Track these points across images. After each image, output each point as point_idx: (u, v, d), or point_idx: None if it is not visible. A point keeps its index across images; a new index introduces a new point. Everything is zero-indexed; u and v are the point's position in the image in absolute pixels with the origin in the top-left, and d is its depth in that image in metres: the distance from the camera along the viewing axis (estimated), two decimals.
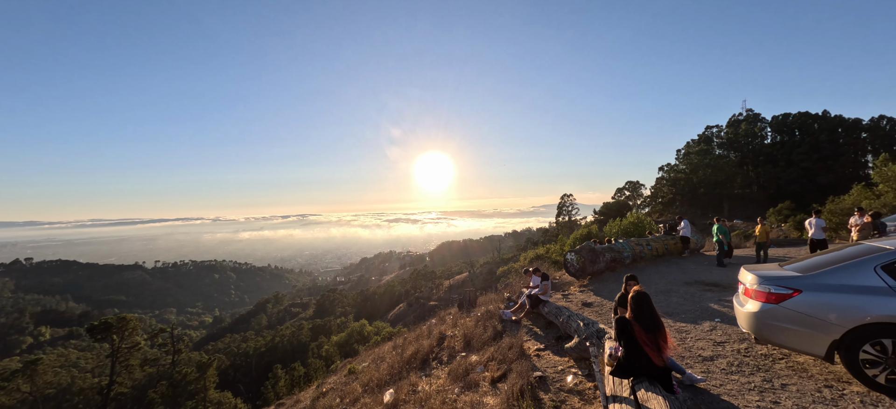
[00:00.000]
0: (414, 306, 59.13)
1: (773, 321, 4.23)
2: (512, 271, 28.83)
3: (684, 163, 77.34)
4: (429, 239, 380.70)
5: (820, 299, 4.00)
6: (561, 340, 7.03)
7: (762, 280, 4.41)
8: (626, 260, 12.81)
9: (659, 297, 8.55)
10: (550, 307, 7.95)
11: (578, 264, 11.57)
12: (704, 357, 4.97)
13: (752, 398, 3.87)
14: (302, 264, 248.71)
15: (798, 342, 4.13)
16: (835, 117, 67.81)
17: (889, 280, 3.77)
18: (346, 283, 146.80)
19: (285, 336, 50.67)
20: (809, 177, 60.15)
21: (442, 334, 10.44)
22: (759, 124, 73.67)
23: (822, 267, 4.23)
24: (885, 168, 23.90)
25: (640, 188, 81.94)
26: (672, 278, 10.56)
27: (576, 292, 10.80)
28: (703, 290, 8.89)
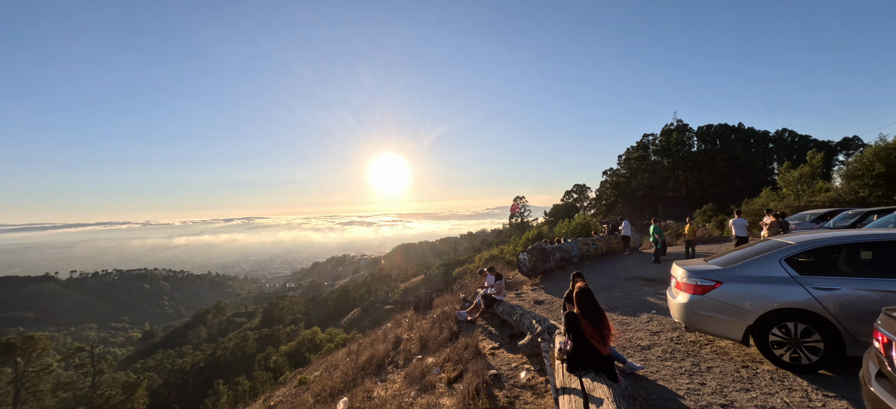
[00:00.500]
0: (369, 311, 57.89)
1: (699, 311, 4.69)
2: (467, 272, 29.24)
3: (625, 168, 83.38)
4: (384, 242, 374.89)
5: (737, 290, 4.50)
6: (515, 337, 7.25)
7: (690, 274, 4.87)
8: (574, 259, 13.51)
9: (603, 293, 9.12)
10: (504, 306, 8.16)
11: (530, 264, 12.00)
12: (643, 346, 5.38)
13: (683, 381, 4.26)
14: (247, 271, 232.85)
15: (720, 329, 4.61)
16: (748, 129, 76.72)
17: (791, 271, 4.33)
18: (297, 289, 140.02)
19: (228, 349, 47.21)
20: (728, 181, 67.47)
21: (398, 338, 10.32)
22: (688, 134, 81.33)
23: (738, 261, 4.76)
24: (787, 174, 27.52)
25: (587, 191, 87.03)
26: (614, 275, 11.32)
27: (528, 290, 11.19)
28: (642, 285, 9.62)
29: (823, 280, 4.13)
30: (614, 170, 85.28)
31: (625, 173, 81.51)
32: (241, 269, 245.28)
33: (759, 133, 75.41)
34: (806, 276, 4.23)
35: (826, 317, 4.01)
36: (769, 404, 3.66)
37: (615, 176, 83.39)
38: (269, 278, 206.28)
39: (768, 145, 73.87)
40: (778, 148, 72.83)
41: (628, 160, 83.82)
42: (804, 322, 4.13)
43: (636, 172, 78.03)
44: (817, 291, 4.08)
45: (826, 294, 4.03)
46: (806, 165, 26.27)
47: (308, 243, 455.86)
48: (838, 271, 4.29)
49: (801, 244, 4.47)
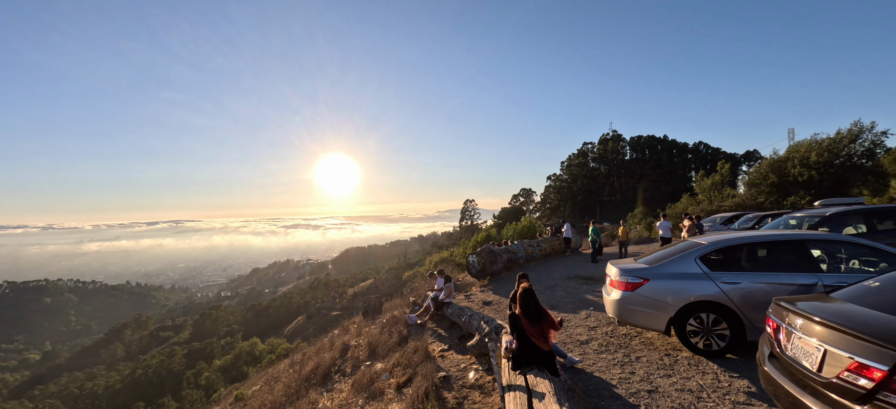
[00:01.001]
0: (315, 318, 55.39)
1: (629, 306, 5.12)
2: (418, 275, 29.17)
3: (567, 173, 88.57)
4: (332, 246, 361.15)
5: (661, 286, 4.98)
6: (464, 339, 7.36)
7: (622, 273, 5.30)
8: (520, 260, 14.06)
9: (546, 292, 9.59)
10: (454, 309, 8.27)
11: (479, 266, 12.29)
12: (581, 341, 5.75)
13: (616, 371, 4.62)
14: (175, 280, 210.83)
15: (647, 321, 5.07)
16: (671, 141, 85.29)
17: (704, 268, 4.89)
18: (234, 297, 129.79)
19: (151, 367, 42.51)
20: (656, 187, 74.42)
21: (345, 345, 10.01)
22: (621, 143, 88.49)
23: (662, 260, 5.28)
24: (702, 182, 31.01)
25: (533, 195, 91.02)
26: (557, 274, 11.97)
27: (477, 292, 11.44)
28: (581, 283, 10.28)
29: (729, 275, 4.72)
30: (558, 175, 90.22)
31: (567, 179, 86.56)
32: (168, 278, 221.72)
33: (681, 144, 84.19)
34: (715, 272, 4.81)
35: (731, 307, 4.58)
36: (687, 386, 4.09)
37: (558, 181, 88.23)
38: (201, 286, 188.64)
39: (687, 156, 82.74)
40: (695, 158, 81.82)
41: (570, 166, 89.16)
42: (714, 313, 4.69)
43: (577, 177, 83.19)
44: (724, 284, 4.65)
45: (731, 287, 4.62)
46: (717, 174, 29.80)
47: (247, 247, 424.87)
48: (741, 267, 4.94)
49: (711, 244, 5.07)
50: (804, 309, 2.67)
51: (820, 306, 2.67)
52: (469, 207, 77.06)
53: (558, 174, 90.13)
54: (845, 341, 2.28)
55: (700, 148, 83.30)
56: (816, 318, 2.51)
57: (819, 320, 2.49)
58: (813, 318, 2.54)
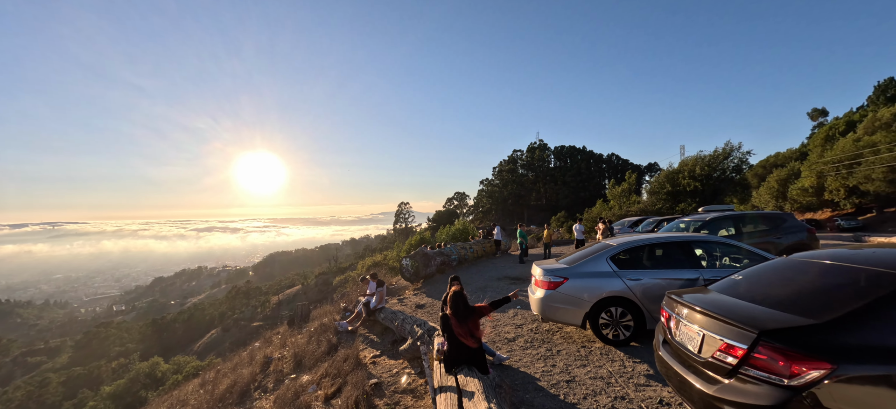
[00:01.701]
0: (232, 331, 50.43)
1: (551, 303, 5.52)
2: (349, 280, 28.17)
3: (498, 179, 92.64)
4: (253, 250, 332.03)
5: (578, 284, 5.46)
6: (396, 343, 7.29)
7: (545, 273, 5.70)
8: (453, 262, 14.35)
9: (477, 293, 9.92)
10: (386, 313, 8.15)
11: (413, 269, 12.28)
12: (509, 339, 6.05)
13: (540, 365, 4.94)
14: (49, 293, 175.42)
15: (566, 317, 5.51)
16: (589, 151, 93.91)
17: (613, 267, 5.47)
18: (131, 312, 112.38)
19: (14, 401, 35.02)
20: (576, 193, 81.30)
21: (267, 358, 9.27)
22: (547, 152, 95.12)
23: (579, 260, 5.79)
24: (613, 189, 34.68)
25: (466, 198, 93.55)
26: (488, 275, 12.45)
27: (410, 295, 11.41)
28: (510, 283, 10.82)
29: (633, 273, 5.35)
30: (489, 180, 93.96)
31: (498, 184, 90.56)
32: (40, 291, 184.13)
33: (597, 155, 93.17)
34: (622, 270, 5.41)
35: (635, 301, 5.19)
36: (599, 374, 4.53)
37: (490, 186, 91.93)
38: (85, 300, 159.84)
39: (602, 165, 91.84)
40: (609, 168, 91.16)
41: (501, 172, 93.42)
42: (621, 306, 5.27)
43: (507, 183, 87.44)
44: (629, 281, 5.26)
45: (634, 283, 5.23)
46: (625, 183, 33.57)
47: (147, 253, 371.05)
48: (642, 266, 5.61)
49: (620, 246, 5.70)
50: (688, 300, 3.13)
51: (700, 298, 3.16)
52: (403, 209, 76.69)
53: (490, 179, 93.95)
54: (717, 326, 2.73)
55: (612, 159, 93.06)
56: (697, 308, 2.96)
57: (699, 310, 2.94)
58: (694, 308, 2.99)
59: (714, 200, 28.77)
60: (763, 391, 2.35)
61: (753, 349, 2.43)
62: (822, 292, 2.71)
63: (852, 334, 2.26)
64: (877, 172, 28.29)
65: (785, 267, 3.26)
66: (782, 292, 2.89)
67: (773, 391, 2.31)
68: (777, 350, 2.33)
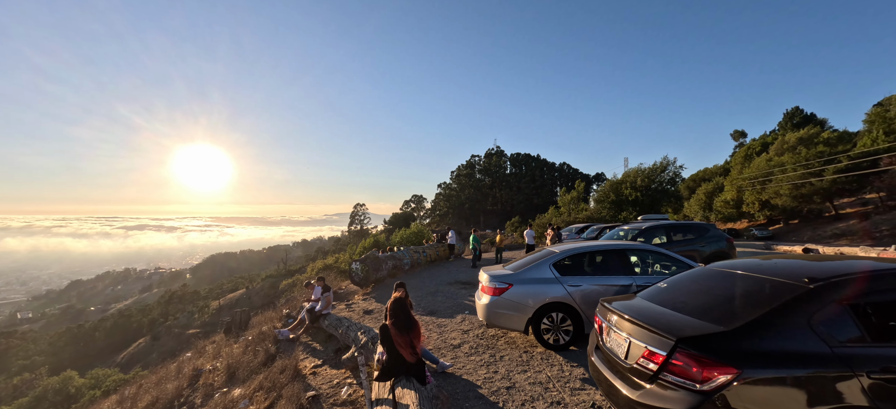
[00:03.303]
0: (162, 340, 46.09)
1: (496, 309, 5.57)
2: (298, 284, 26.87)
3: (456, 183, 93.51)
4: (192, 251, 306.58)
5: (522, 290, 5.55)
6: (340, 352, 6.98)
7: (491, 279, 5.74)
8: (405, 267, 14.15)
9: (428, 297, 9.83)
10: (331, 320, 7.80)
11: (362, 273, 11.93)
12: (454, 345, 6.02)
13: (482, 372, 4.95)
14: None
15: (510, 323, 5.59)
16: (542, 159, 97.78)
17: (556, 273, 5.64)
18: (39, 320, 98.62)
19: None
20: (530, 199, 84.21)
21: (197, 370, 8.51)
22: (503, 158, 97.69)
23: (524, 267, 5.90)
24: (564, 197, 36.32)
25: (424, 201, 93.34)
26: (440, 280, 12.41)
27: (359, 300, 11.06)
28: (460, 288, 10.85)
29: (573, 279, 5.54)
30: (447, 184, 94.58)
31: (456, 188, 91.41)
32: None
33: (550, 163, 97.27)
34: (564, 276, 5.59)
35: (574, 306, 5.38)
36: (538, 379, 4.61)
37: (448, 190, 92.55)
38: None
39: (555, 173, 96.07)
40: (561, 176, 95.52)
41: (459, 176, 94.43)
42: (562, 312, 5.43)
43: (465, 187, 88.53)
44: (570, 287, 5.44)
45: (574, 289, 5.42)
46: (574, 191, 35.29)
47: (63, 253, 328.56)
48: (583, 272, 5.84)
49: (562, 253, 5.89)
50: (617, 308, 3.26)
51: (628, 305, 3.30)
52: (359, 211, 74.90)
53: (448, 183, 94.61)
54: (642, 333, 2.85)
55: (564, 167, 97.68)
56: (625, 315, 3.09)
57: (626, 317, 3.06)
58: (623, 315, 3.11)
59: (652, 209, 31.10)
60: (679, 396, 2.48)
61: (672, 355, 2.56)
62: (731, 301, 2.93)
63: (755, 341, 2.45)
64: (784, 189, 32.17)
65: (702, 276, 3.51)
66: (699, 301, 3.09)
67: (687, 395, 2.45)
68: (692, 357, 2.47)
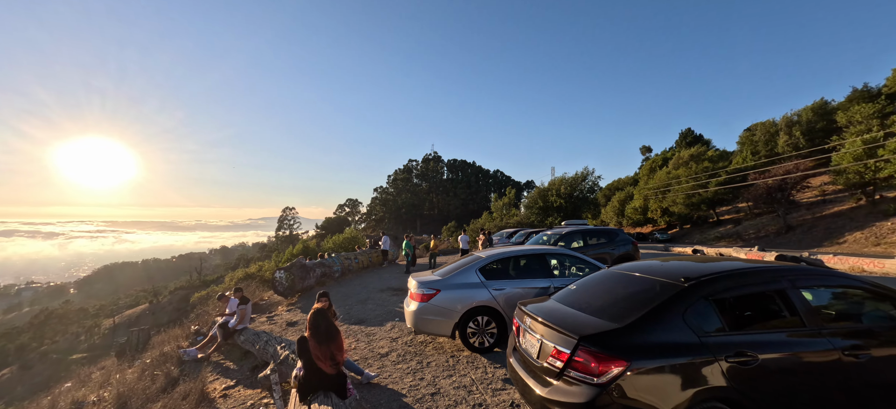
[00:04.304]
0: (36, 369, 38.47)
1: (424, 316, 5.59)
2: (212, 296, 24.29)
3: (393, 187, 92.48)
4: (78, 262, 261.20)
5: (450, 295, 5.64)
6: (257, 369, 6.44)
7: (419, 285, 5.75)
8: (336, 274, 13.59)
9: (357, 306, 9.54)
10: (248, 335, 7.17)
11: (287, 282, 11.19)
12: (382, 354, 5.90)
13: (408, 380, 4.91)
14: None
15: (438, 328, 5.64)
16: (478, 166, 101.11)
17: (482, 278, 5.83)
18: None
19: None
20: (465, 205, 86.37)
21: (77, 403, 7.22)
22: (440, 164, 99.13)
23: (453, 272, 6.01)
24: (496, 203, 37.85)
25: (359, 206, 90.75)
26: (371, 287, 12.11)
27: (283, 311, 10.35)
28: (392, 295, 10.70)
29: (498, 283, 5.77)
30: (384, 188, 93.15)
31: (392, 192, 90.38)
32: None
33: (485, 170, 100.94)
34: (489, 281, 5.80)
35: (498, 310, 5.60)
36: (463, 383, 4.70)
37: (385, 194, 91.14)
38: None
39: (489, 180, 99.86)
40: (495, 182, 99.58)
41: (396, 180, 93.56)
42: (487, 315, 5.63)
43: (402, 191, 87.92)
44: (494, 291, 5.66)
45: (499, 293, 5.65)
46: (506, 197, 37.01)
47: None
48: (507, 276, 6.11)
49: (488, 258, 6.11)
50: (531, 310, 3.46)
51: (540, 307, 3.52)
52: (288, 215, 70.31)
53: (385, 188, 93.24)
54: (551, 333, 3.06)
55: (498, 174, 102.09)
56: (537, 317, 3.29)
57: (539, 319, 3.26)
58: (536, 317, 3.31)
59: (574, 215, 33.84)
60: (580, 390, 2.70)
61: (575, 352, 2.78)
62: (625, 300, 3.27)
63: (641, 335, 2.76)
64: (679, 198, 37.14)
65: (606, 278, 3.88)
66: (601, 301, 3.40)
67: (586, 389, 2.67)
68: (591, 353, 2.71)
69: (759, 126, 44.66)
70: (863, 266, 12.44)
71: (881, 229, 23.12)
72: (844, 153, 27.43)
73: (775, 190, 29.50)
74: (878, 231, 23.11)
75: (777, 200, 29.95)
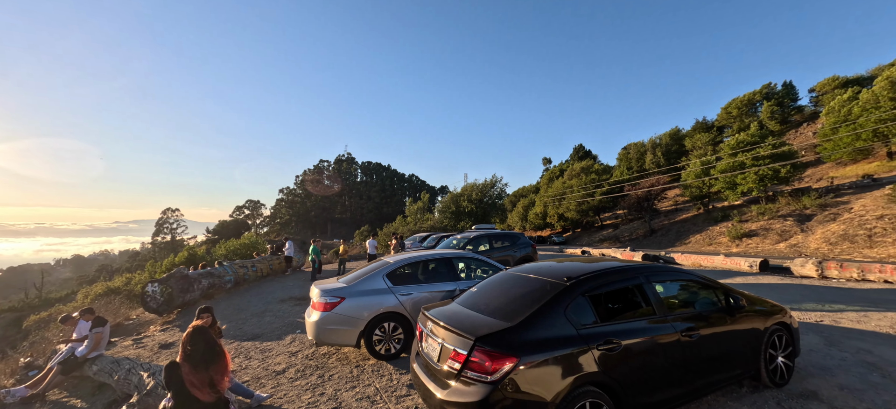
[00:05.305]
0: None
1: (327, 326, 5.28)
2: (57, 318, 19.54)
3: (301, 189, 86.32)
4: None
5: (356, 302, 5.44)
6: (116, 404, 5.36)
7: (322, 293, 5.43)
8: (227, 285, 12.09)
9: (253, 319, 8.62)
10: (103, 363, 5.91)
11: (164, 296, 9.59)
12: (278, 371, 5.40)
13: (307, 397, 4.57)
14: None
15: (342, 338, 5.38)
16: (393, 169, 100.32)
17: (389, 283, 5.74)
18: None
19: None
20: (380, 208, 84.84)
21: None
22: (354, 165, 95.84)
23: (359, 279, 5.80)
24: (411, 207, 37.95)
25: (261, 208, 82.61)
26: (271, 297, 11.07)
27: (156, 331, 8.83)
28: (295, 305, 9.93)
29: (405, 288, 5.75)
30: (291, 189, 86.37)
31: (301, 194, 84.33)
32: None
33: (400, 173, 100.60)
34: (396, 286, 5.74)
35: (405, 315, 5.57)
36: (367, 393, 4.55)
37: (292, 195, 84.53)
38: None
39: (404, 184, 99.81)
40: (410, 186, 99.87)
41: (304, 182, 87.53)
42: (394, 321, 5.55)
43: (311, 193, 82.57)
44: (401, 296, 5.62)
45: (405, 298, 5.63)
46: (420, 201, 37.37)
47: None
48: (416, 281, 6.11)
49: (396, 263, 6.05)
50: (433, 315, 3.51)
51: (441, 311, 3.60)
52: (170, 217, 60.54)
53: (292, 188, 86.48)
54: (450, 336, 3.13)
55: (413, 178, 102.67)
56: (439, 321, 3.34)
57: (441, 323, 3.32)
58: (437, 321, 3.36)
59: (484, 220, 35.76)
60: (475, 389, 2.81)
61: (471, 353, 2.89)
62: (519, 299, 3.52)
63: (530, 332, 2.99)
64: (572, 205, 41.87)
65: (503, 280, 4.13)
66: (497, 302, 3.61)
67: (481, 387, 2.79)
68: (485, 352, 2.84)
69: (633, 146, 53.10)
70: (700, 262, 15.55)
71: (712, 232, 29.24)
72: (689, 172, 34.11)
73: (643, 200, 35.28)
74: (711, 234, 29.19)
75: (644, 208, 35.83)
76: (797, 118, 49.43)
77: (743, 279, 11.31)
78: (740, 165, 28.91)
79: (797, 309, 7.46)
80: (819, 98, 47.14)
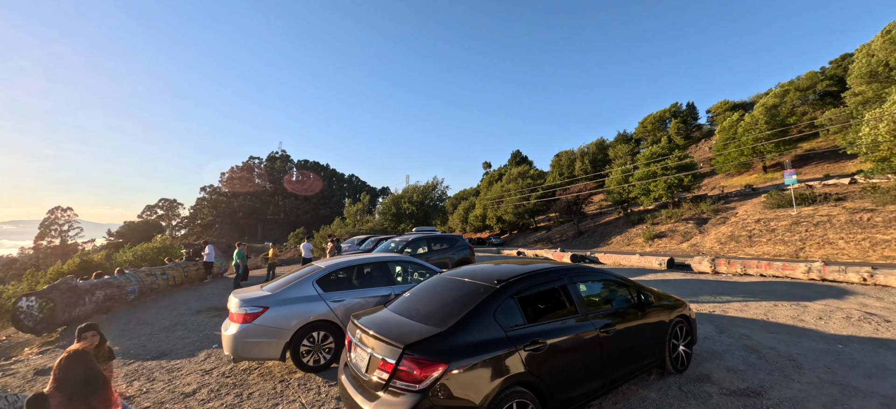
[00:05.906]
0: None
1: (246, 339, 4.81)
2: None
3: (227, 187, 79.11)
4: None
5: (281, 311, 5.03)
6: None
7: (242, 303, 4.95)
8: (130, 295, 10.58)
9: (160, 334, 7.62)
10: None
11: (44, 312, 8.09)
12: (186, 393, 4.80)
13: None
14: None
15: (265, 352, 4.94)
16: (332, 169, 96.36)
17: (319, 290, 5.41)
18: None
19: None
20: (317, 210, 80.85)
21: None
22: (289, 164, 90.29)
23: (285, 286, 5.39)
24: (350, 208, 36.70)
25: (178, 208, 74.30)
26: (184, 309, 9.90)
27: (32, 354, 7.41)
28: (213, 316, 8.97)
29: (337, 295, 5.47)
30: (215, 187, 78.79)
31: (227, 193, 77.31)
32: None
33: (339, 174, 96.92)
34: (328, 292, 5.43)
35: (337, 322, 5.29)
36: None
37: (216, 194, 77.12)
38: None
39: (344, 184, 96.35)
40: (349, 187, 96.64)
41: (231, 180, 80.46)
42: (324, 330, 5.24)
43: (239, 193, 76.18)
44: (332, 303, 5.33)
45: (337, 305, 5.35)
46: (360, 203, 36.31)
47: None
48: (349, 286, 5.84)
49: (327, 268, 5.73)
50: (362, 323, 3.35)
51: (371, 319, 3.45)
52: (59, 218, 51.78)
53: (216, 186, 78.82)
54: (379, 344, 3.01)
55: (353, 179, 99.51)
56: (368, 329, 3.20)
57: (370, 332, 3.17)
58: (367, 330, 3.22)
59: (425, 222, 35.74)
60: (404, 400, 2.71)
61: (400, 362, 2.80)
62: (451, 304, 3.50)
63: (460, 337, 2.98)
64: (509, 208, 43.65)
65: (436, 284, 4.09)
66: (429, 307, 3.55)
67: (410, 397, 2.70)
68: (414, 360, 2.76)
69: (564, 153, 57.05)
70: (620, 262, 17.09)
71: (631, 234, 32.42)
72: (612, 179, 37.50)
73: (573, 204, 37.99)
74: (629, 235, 32.34)
75: (573, 211, 38.59)
76: (697, 135, 57.01)
77: (653, 276, 12.63)
78: (653, 174, 32.46)
79: (695, 302, 8.49)
80: (714, 118, 54.89)
